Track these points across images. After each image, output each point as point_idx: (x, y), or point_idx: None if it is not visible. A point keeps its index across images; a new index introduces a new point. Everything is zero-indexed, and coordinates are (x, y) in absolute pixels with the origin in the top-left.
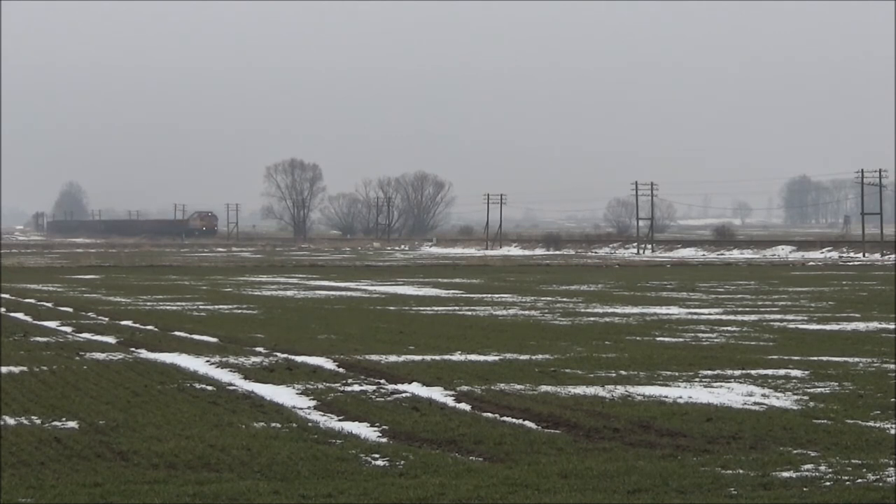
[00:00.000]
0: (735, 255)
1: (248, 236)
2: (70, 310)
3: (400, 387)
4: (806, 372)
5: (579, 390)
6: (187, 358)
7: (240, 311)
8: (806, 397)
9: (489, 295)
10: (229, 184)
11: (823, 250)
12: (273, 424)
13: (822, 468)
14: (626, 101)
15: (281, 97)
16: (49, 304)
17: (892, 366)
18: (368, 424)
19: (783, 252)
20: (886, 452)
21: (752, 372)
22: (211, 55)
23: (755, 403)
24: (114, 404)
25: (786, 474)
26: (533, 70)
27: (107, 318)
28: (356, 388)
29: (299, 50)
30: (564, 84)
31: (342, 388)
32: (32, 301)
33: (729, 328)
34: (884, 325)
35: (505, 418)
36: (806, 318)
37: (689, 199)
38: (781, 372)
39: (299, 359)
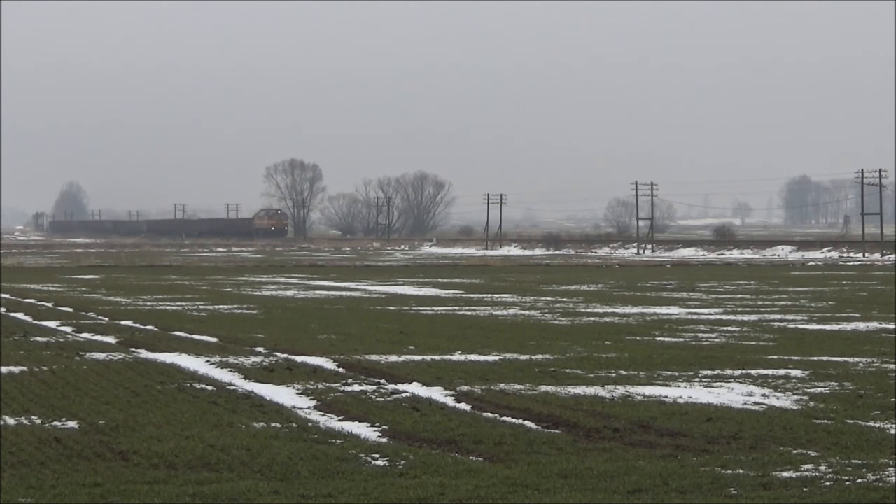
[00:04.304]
0: (735, 255)
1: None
2: (70, 310)
3: (400, 387)
4: (806, 372)
5: (579, 390)
6: (187, 358)
7: (240, 311)
8: (806, 397)
9: (489, 295)
10: (229, 184)
11: (823, 250)
12: (273, 424)
13: (822, 468)
14: (626, 100)
15: (281, 97)
16: (49, 304)
17: (892, 366)
18: (368, 424)
19: (783, 252)
20: (886, 452)
21: (752, 372)
22: (211, 55)
23: (755, 403)
24: (114, 404)
25: (786, 474)
26: (533, 70)
27: (107, 318)
28: (356, 388)
29: (299, 50)
30: (565, 84)
31: (342, 388)
32: (32, 301)
33: (729, 328)
34: (884, 325)
35: (505, 418)
36: (806, 318)
37: (689, 199)
38: (781, 372)
39: (299, 359)
